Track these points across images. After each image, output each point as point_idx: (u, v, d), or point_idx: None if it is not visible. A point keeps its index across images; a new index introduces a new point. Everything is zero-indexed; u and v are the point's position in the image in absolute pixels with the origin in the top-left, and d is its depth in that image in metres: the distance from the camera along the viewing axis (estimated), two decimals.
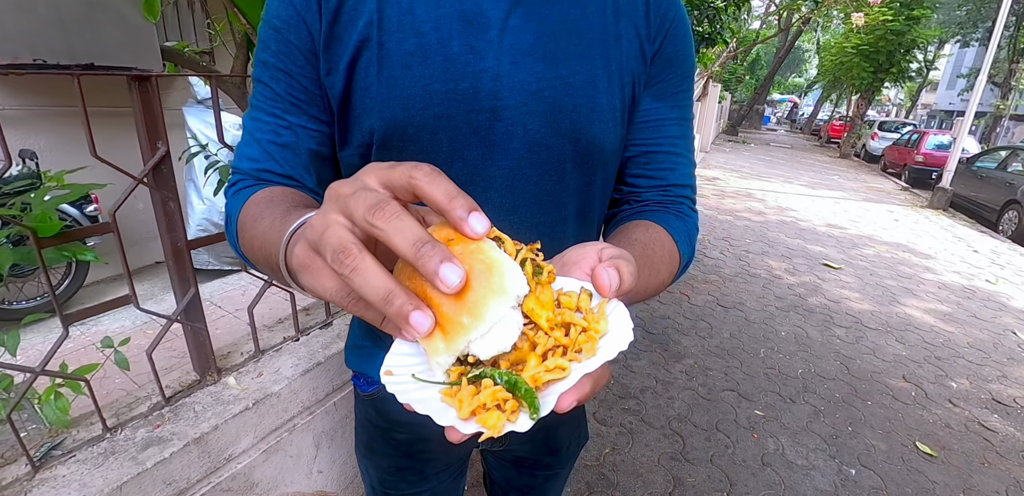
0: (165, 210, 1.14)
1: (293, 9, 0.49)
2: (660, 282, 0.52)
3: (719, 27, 3.41)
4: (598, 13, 0.53)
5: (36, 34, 0.91)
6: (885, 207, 8.12)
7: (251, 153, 0.52)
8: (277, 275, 0.40)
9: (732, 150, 14.97)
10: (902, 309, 3.77)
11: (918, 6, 13.13)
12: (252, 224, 0.44)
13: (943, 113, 33.00)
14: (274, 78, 0.51)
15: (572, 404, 0.28)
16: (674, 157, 0.60)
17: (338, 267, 0.25)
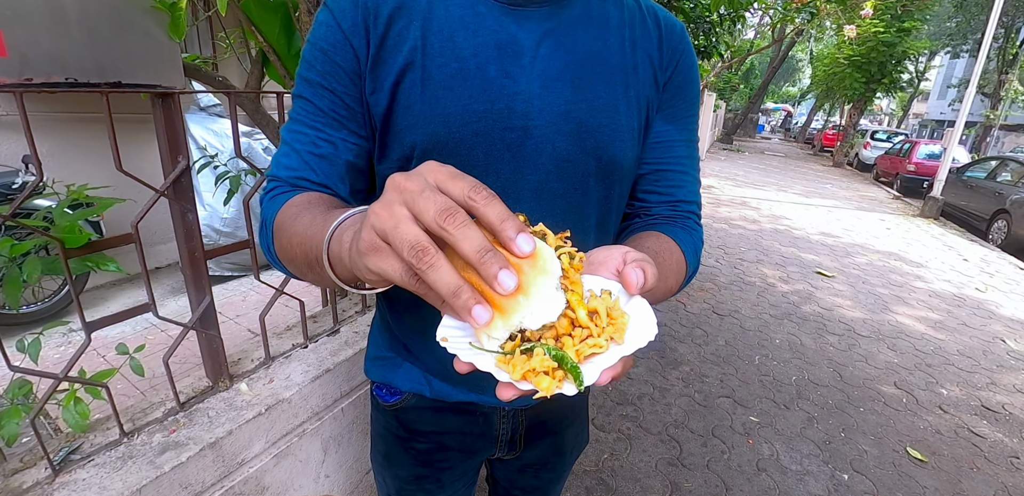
0: (184, 221, 1.17)
1: (341, 34, 0.53)
2: (668, 289, 0.56)
3: (715, 40, 3.49)
4: (617, 45, 0.59)
5: (69, 54, 0.95)
6: (877, 216, 8.23)
7: (289, 162, 0.55)
8: (314, 270, 0.43)
9: (727, 158, 15.11)
10: (894, 317, 3.83)
11: (909, 18, 13.27)
12: (291, 223, 0.47)
13: (934, 123, 33.44)
14: (317, 95, 0.55)
15: (609, 380, 0.33)
16: (682, 175, 0.65)
17: (416, 262, 0.28)
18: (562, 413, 0.80)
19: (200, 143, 3.29)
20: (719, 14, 3.31)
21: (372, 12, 0.54)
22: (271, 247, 0.52)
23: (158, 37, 1.05)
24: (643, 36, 0.61)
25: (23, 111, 0.92)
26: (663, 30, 0.63)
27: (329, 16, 0.55)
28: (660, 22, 0.63)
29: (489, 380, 0.75)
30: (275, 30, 1.25)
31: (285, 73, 1.32)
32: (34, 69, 0.92)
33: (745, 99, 24.26)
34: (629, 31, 0.61)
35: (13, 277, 1.03)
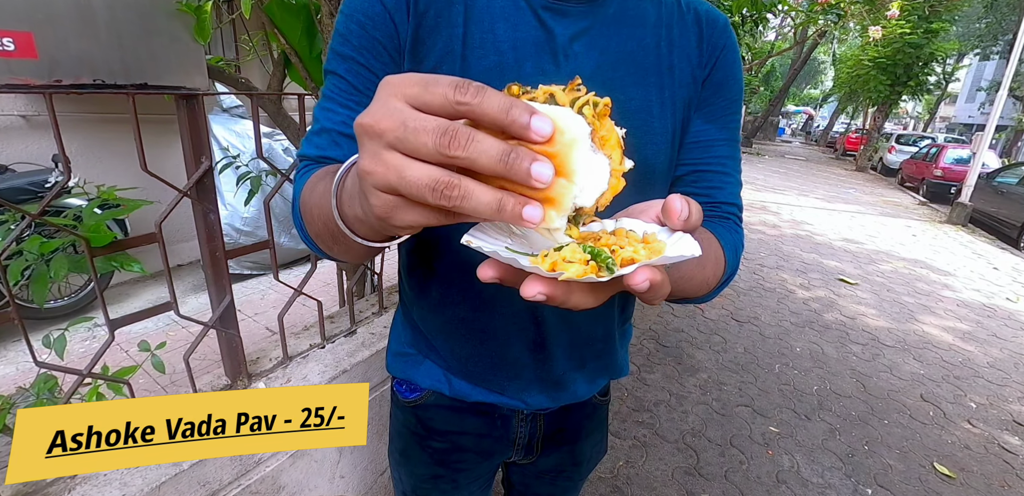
0: (206, 221, 1.19)
1: (381, 6, 0.51)
2: (704, 280, 0.53)
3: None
4: (653, 45, 0.57)
5: (96, 56, 0.96)
6: (902, 222, 8.04)
7: (319, 141, 0.53)
8: (337, 239, 0.41)
9: (747, 161, 14.92)
10: (920, 327, 3.73)
11: (936, 19, 12.95)
12: (309, 195, 0.46)
13: (962, 126, 32.62)
14: (351, 71, 0.52)
15: (645, 282, 0.29)
16: (723, 176, 0.63)
17: (445, 201, 0.25)
18: (581, 422, 0.79)
19: (223, 144, 3.35)
20: (741, 16, 3.26)
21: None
22: (303, 226, 0.49)
23: (183, 40, 1.06)
24: (681, 34, 0.59)
25: (52, 112, 0.94)
26: (703, 26, 0.61)
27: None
28: (701, 17, 0.61)
29: (509, 379, 0.74)
30: (297, 33, 1.26)
31: (307, 75, 1.33)
32: (63, 71, 0.93)
33: (765, 102, 23.94)
34: (666, 30, 0.59)
35: (41, 274, 1.05)
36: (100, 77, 0.98)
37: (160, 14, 1.03)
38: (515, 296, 0.60)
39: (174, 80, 1.08)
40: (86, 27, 0.94)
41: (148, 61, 1.04)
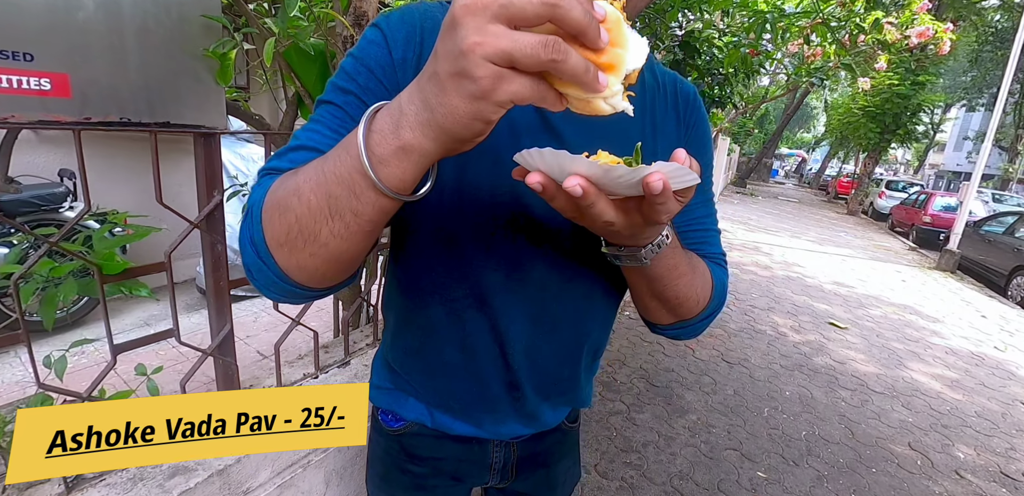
0: (213, 252, 1.23)
1: (390, 59, 0.53)
2: (693, 286, 0.59)
3: (729, 91, 3.60)
4: (638, 136, 0.62)
5: (125, 95, 1.03)
6: (893, 267, 8.15)
7: (295, 157, 0.50)
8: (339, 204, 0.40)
9: (740, 202, 15.18)
10: (908, 373, 3.74)
11: (923, 72, 13.35)
12: (290, 177, 0.44)
13: (951, 174, 33.44)
14: (350, 103, 0.52)
15: (659, 181, 0.36)
16: (704, 233, 0.69)
17: (556, 54, 0.30)
18: (553, 448, 0.83)
19: (230, 170, 3.42)
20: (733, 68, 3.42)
21: (416, 55, 0.54)
22: (256, 231, 0.45)
23: (206, 81, 1.13)
24: (663, 119, 0.65)
25: (79, 148, 0.99)
26: (680, 107, 0.67)
27: (380, 37, 0.55)
28: (678, 98, 0.67)
29: (486, 413, 0.77)
30: (313, 76, 1.34)
31: None
32: (93, 109, 0.99)
33: (759, 144, 24.60)
34: (650, 116, 0.64)
35: (50, 296, 1.08)
36: (127, 115, 1.04)
37: (187, 57, 1.10)
38: (488, 339, 0.64)
39: (195, 118, 1.14)
40: (117, 68, 1.01)
41: (172, 100, 1.10)
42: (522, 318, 0.64)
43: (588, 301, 0.68)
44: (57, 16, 0.92)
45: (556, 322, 0.67)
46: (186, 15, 1.06)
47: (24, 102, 0.91)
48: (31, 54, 0.90)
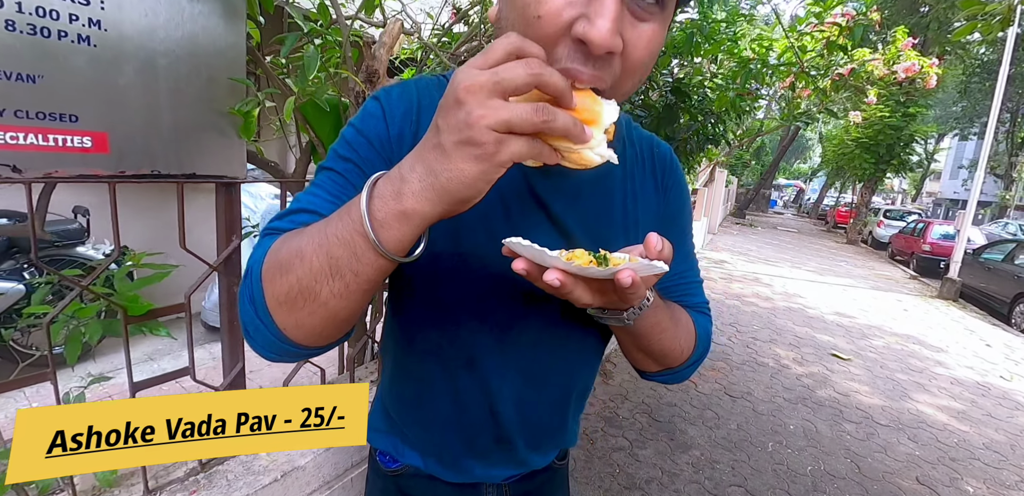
0: (229, 293, 1.30)
1: (387, 134, 0.57)
2: (676, 337, 0.62)
3: (722, 129, 3.74)
4: (620, 202, 0.66)
5: (157, 150, 1.12)
6: (894, 296, 8.15)
7: (297, 218, 0.53)
8: (339, 265, 0.42)
9: (739, 233, 15.29)
10: (914, 405, 3.72)
11: (913, 104, 13.50)
12: (294, 238, 0.47)
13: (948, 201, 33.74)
14: (350, 171, 0.56)
15: (628, 277, 0.42)
16: (687, 285, 0.73)
17: (546, 116, 0.36)
18: (543, 486, 0.84)
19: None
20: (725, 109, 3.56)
21: (413, 132, 0.58)
22: (256, 291, 0.47)
23: (230, 135, 1.23)
24: (641, 185, 0.69)
25: (114, 199, 1.08)
26: (657, 171, 0.70)
27: (380, 112, 0.58)
28: (655, 162, 0.71)
29: (476, 459, 0.80)
30: (327, 128, 1.44)
31: None
32: (128, 163, 1.08)
33: (757, 175, 24.95)
34: (630, 183, 0.67)
35: (75, 336, 1.14)
36: (157, 168, 1.13)
37: (213, 114, 1.20)
38: (480, 397, 0.68)
39: (218, 169, 1.23)
40: (151, 126, 1.11)
41: (198, 153, 1.19)
42: (513, 376, 0.67)
43: (577, 354, 0.71)
44: (101, 81, 1.02)
45: (546, 377, 0.69)
46: (214, 76, 1.17)
47: (67, 158, 1.00)
48: (76, 115, 1.00)
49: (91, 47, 0.99)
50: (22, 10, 0.92)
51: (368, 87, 1.33)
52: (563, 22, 0.43)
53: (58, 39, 0.96)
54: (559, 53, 0.45)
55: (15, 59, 0.92)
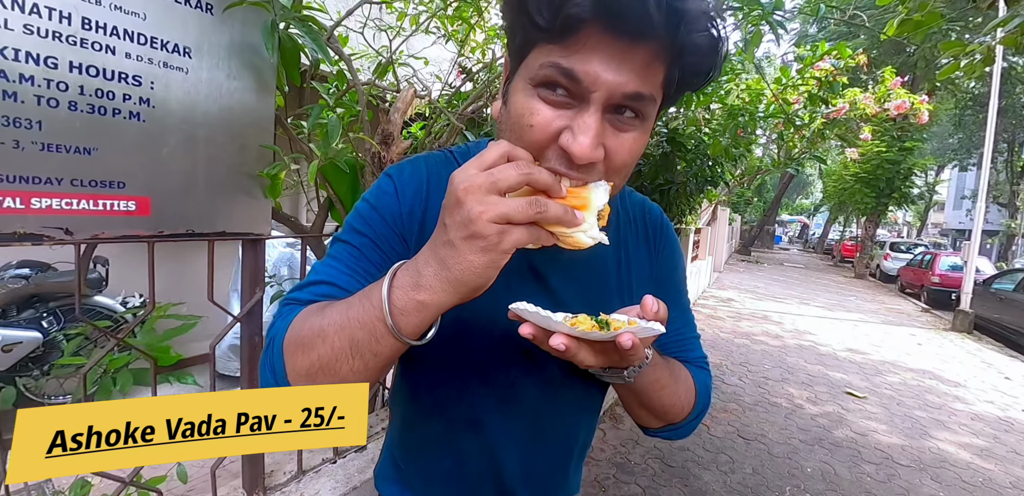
0: (251, 342, 1.36)
1: (399, 210, 0.61)
2: (676, 393, 0.64)
3: (720, 171, 3.86)
4: (615, 270, 0.70)
5: (192, 211, 1.22)
6: (907, 330, 8.04)
7: (317, 290, 0.57)
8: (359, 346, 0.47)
9: (746, 270, 15.28)
10: (934, 443, 3.63)
11: (908, 139, 13.62)
12: (316, 316, 0.50)
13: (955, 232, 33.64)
14: (365, 245, 0.60)
15: (628, 340, 0.45)
16: (683, 342, 0.75)
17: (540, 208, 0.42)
18: None
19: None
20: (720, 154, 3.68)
21: (422, 209, 0.62)
22: (277, 362, 0.51)
23: (258, 196, 1.33)
24: (636, 250, 0.72)
25: (152, 258, 1.17)
26: (649, 231, 0.74)
27: (392, 187, 0.63)
28: (647, 222, 0.74)
29: None
30: (345, 186, 1.55)
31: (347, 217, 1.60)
32: (166, 224, 1.18)
33: (760, 212, 25.15)
34: (623, 250, 0.71)
35: (106, 385, 1.20)
36: (192, 227, 1.23)
37: (244, 177, 1.31)
38: (483, 454, 0.71)
39: (245, 227, 1.33)
40: (188, 190, 1.21)
41: (228, 213, 1.30)
42: (516, 434, 0.69)
43: (578, 410, 0.74)
44: (147, 152, 1.14)
45: (549, 434, 0.72)
46: (246, 144, 1.29)
47: (112, 221, 1.11)
48: (124, 182, 1.11)
49: (141, 122, 1.12)
50: (84, 92, 1.05)
51: (383, 148, 1.45)
52: (551, 132, 0.49)
53: (112, 116, 1.09)
54: (548, 156, 0.50)
55: (75, 135, 1.04)
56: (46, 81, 0.99)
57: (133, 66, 1.09)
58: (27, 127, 0.98)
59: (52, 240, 1.01)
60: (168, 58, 1.14)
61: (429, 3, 1.92)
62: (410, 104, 1.46)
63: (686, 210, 4.15)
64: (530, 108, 0.49)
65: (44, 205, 1.01)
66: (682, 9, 0.45)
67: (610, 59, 0.46)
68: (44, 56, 0.99)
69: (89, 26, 1.03)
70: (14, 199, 0.97)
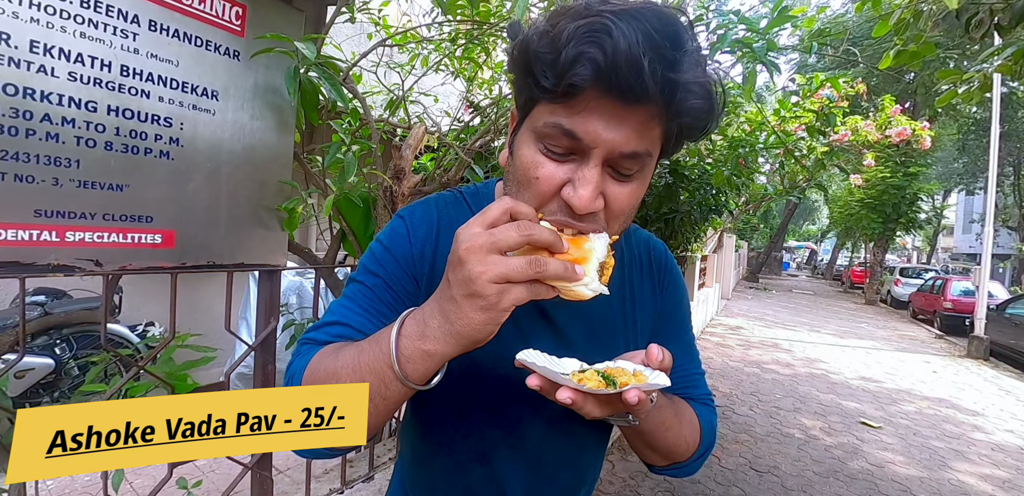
0: (264, 371, 1.39)
1: (410, 251, 0.65)
2: (681, 434, 0.65)
3: (724, 199, 3.91)
4: (619, 307, 0.72)
5: (214, 243, 1.28)
6: (921, 357, 7.89)
7: (332, 330, 0.60)
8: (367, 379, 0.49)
9: (754, 297, 15.15)
10: (954, 475, 3.53)
11: (913, 164, 13.56)
12: (330, 360, 0.53)
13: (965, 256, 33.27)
14: (379, 286, 0.63)
15: (634, 396, 0.46)
16: (687, 378, 0.76)
17: (539, 267, 0.43)
18: None
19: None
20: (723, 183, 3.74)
21: (433, 249, 0.66)
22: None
23: (275, 229, 1.39)
24: (640, 288, 0.74)
25: (174, 289, 1.22)
26: (654, 268, 0.77)
27: (404, 229, 0.66)
28: (652, 260, 0.77)
29: None
30: (357, 219, 1.61)
31: (359, 248, 1.65)
32: (189, 256, 1.24)
33: (766, 238, 25.10)
34: (628, 289, 0.73)
35: None
36: (213, 259, 1.28)
37: (263, 211, 1.37)
38: (491, 489, 0.72)
39: (262, 259, 1.38)
40: (211, 223, 1.27)
41: (247, 245, 1.35)
42: (522, 469, 0.70)
43: (582, 450, 0.75)
44: (174, 188, 1.21)
45: (556, 470, 0.73)
46: (266, 180, 1.36)
47: (138, 253, 1.16)
48: (151, 216, 1.18)
49: (170, 160, 1.19)
50: (119, 133, 1.12)
51: (395, 182, 1.52)
52: (555, 184, 0.52)
53: (144, 155, 1.16)
54: (551, 207, 0.53)
55: (109, 172, 1.11)
56: (86, 123, 1.07)
57: (165, 109, 1.18)
58: (66, 166, 1.05)
59: (83, 271, 1.07)
60: (197, 101, 1.22)
61: (439, 44, 2.03)
62: (421, 141, 1.53)
63: (691, 238, 4.18)
64: (535, 161, 0.53)
65: (77, 238, 1.07)
66: (675, 79, 0.47)
67: (609, 119, 0.49)
68: (85, 101, 1.07)
69: (127, 73, 1.12)
70: (51, 233, 1.04)
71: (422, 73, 2.03)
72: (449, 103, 2.71)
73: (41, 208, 1.02)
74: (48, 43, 1.02)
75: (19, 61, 0.99)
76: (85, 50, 1.06)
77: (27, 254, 1.01)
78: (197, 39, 1.21)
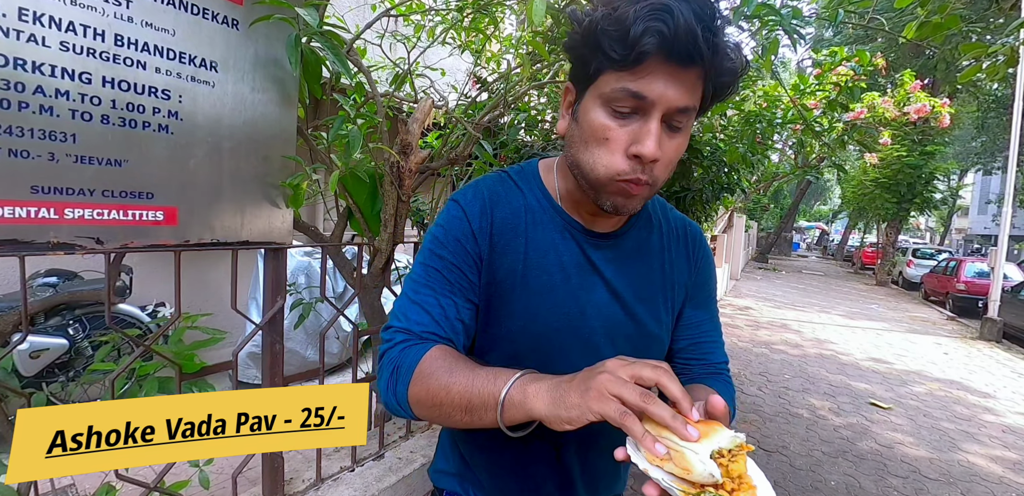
0: (272, 350, 1.38)
1: (470, 230, 0.72)
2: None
3: (736, 178, 3.83)
4: (659, 268, 0.81)
5: (217, 221, 1.25)
6: (932, 339, 7.84)
7: (420, 319, 0.68)
8: (474, 413, 0.58)
9: (763, 278, 15.06)
10: (964, 456, 3.52)
11: (930, 143, 13.32)
12: (445, 374, 0.61)
13: (979, 237, 32.81)
14: (446, 268, 0.71)
15: None
16: (711, 344, 0.85)
17: (645, 400, 0.49)
18: None
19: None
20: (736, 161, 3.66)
21: (489, 223, 0.73)
22: (400, 390, 0.63)
23: (280, 206, 1.36)
24: (677, 255, 0.83)
25: (178, 267, 1.19)
26: (689, 245, 0.85)
27: (460, 212, 0.73)
28: (688, 238, 0.85)
29: None
30: (363, 196, 1.58)
31: (366, 227, 1.62)
32: (192, 233, 1.21)
33: (777, 219, 24.81)
34: (668, 254, 0.82)
35: (132, 392, 1.23)
36: (216, 237, 1.25)
37: (267, 187, 1.33)
38: (546, 446, 0.78)
39: (267, 236, 1.35)
40: (214, 200, 1.24)
41: (251, 223, 1.32)
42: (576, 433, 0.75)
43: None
44: (175, 163, 1.17)
45: (606, 432, 0.76)
46: (270, 155, 1.31)
47: (141, 231, 1.13)
48: (152, 193, 1.14)
49: (169, 135, 1.15)
50: (116, 106, 1.08)
51: (402, 158, 1.47)
52: (624, 142, 0.62)
53: (142, 129, 1.12)
54: (622, 165, 0.62)
55: (107, 147, 1.07)
56: (81, 96, 1.03)
57: (162, 80, 1.13)
58: (62, 140, 1.01)
59: (84, 249, 1.04)
60: (195, 72, 1.17)
61: (446, 15, 1.95)
62: (428, 115, 1.48)
63: (702, 217, 4.11)
64: (604, 125, 0.63)
65: (77, 215, 1.04)
66: (718, 43, 0.59)
67: (668, 79, 0.59)
68: (79, 72, 1.02)
69: (122, 42, 1.07)
70: (49, 210, 1.01)
71: (428, 44, 1.96)
72: (456, 78, 2.64)
73: (38, 184, 0.99)
74: (37, 10, 0.97)
75: (8, 30, 0.95)
76: (76, 18, 1.01)
77: (26, 232, 0.98)
78: (194, 7, 1.16)
